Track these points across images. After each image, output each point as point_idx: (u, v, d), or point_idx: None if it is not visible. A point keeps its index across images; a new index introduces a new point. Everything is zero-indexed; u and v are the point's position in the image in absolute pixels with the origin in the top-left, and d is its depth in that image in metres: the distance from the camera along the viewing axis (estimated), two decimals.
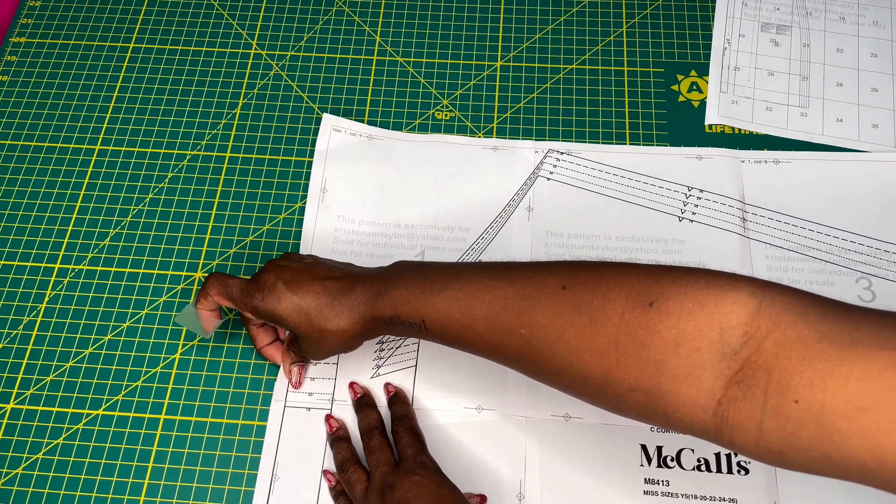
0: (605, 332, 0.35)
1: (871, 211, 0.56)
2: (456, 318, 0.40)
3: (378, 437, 0.47)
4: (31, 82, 0.65)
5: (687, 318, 0.33)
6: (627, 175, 0.58)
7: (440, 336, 0.42)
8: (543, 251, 0.56)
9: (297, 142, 0.61)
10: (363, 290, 0.44)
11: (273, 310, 0.44)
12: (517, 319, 0.38)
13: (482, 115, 0.62)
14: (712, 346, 0.32)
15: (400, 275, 0.43)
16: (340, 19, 0.67)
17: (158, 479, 0.49)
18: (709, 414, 0.33)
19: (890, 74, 0.62)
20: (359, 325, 0.44)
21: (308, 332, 0.44)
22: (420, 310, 0.42)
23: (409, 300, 0.42)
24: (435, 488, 0.42)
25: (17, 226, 0.58)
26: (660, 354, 0.33)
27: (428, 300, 0.41)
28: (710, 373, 0.32)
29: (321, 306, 0.44)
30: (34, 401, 0.52)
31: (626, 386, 0.35)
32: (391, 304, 0.42)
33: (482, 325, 0.40)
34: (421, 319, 0.42)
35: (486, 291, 0.40)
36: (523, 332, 0.38)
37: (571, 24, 0.66)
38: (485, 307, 0.39)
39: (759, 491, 0.47)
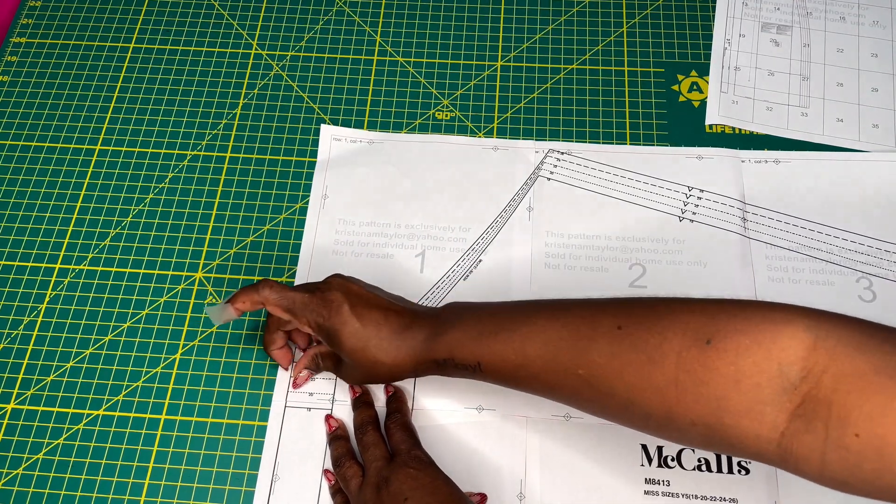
0: (663, 370, 0.36)
1: (872, 211, 0.56)
2: (511, 359, 0.41)
3: (372, 433, 0.47)
4: (31, 82, 0.65)
5: (745, 355, 0.34)
6: (628, 175, 0.58)
7: (495, 377, 0.43)
8: (543, 251, 0.56)
9: (297, 142, 0.61)
10: (420, 330, 0.44)
11: (335, 330, 0.44)
12: (574, 360, 0.39)
13: (482, 115, 0.62)
14: (772, 382, 0.33)
15: (457, 317, 0.44)
16: (340, 19, 0.67)
17: (159, 480, 0.49)
18: (773, 445, 0.33)
19: (890, 74, 0.62)
20: (412, 363, 0.44)
21: (360, 359, 0.44)
22: (475, 352, 0.42)
23: (464, 343, 0.42)
24: (430, 480, 0.43)
25: (17, 226, 0.58)
26: (720, 391, 0.34)
27: (483, 342, 0.42)
28: (771, 406, 0.33)
29: (381, 338, 0.44)
30: (34, 401, 0.52)
31: (688, 421, 0.35)
32: (447, 346, 0.43)
33: (538, 365, 0.40)
34: (476, 362, 0.42)
35: (540, 332, 0.40)
36: (581, 373, 0.39)
37: (571, 24, 0.66)
38: (539, 348, 0.40)
39: (759, 491, 0.47)
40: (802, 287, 0.54)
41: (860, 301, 0.53)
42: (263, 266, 0.56)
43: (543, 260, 0.55)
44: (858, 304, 0.53)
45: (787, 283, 0.54)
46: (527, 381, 0.41)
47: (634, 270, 0.55)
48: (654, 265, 0.55)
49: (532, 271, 0.55)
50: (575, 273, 0.55)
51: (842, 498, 0.46)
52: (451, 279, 0.55)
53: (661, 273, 0.54)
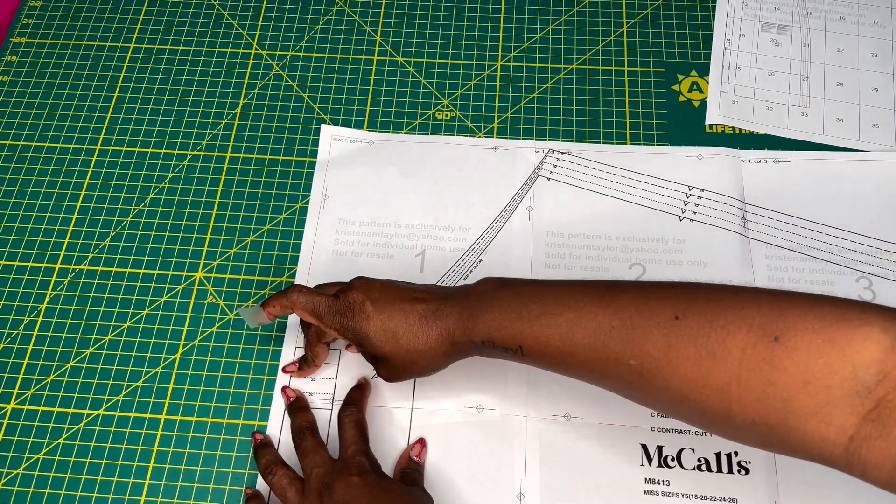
0: (725, 367, 0.34)
1: (872, 211, 0.56)
2: (556, 345, 0.39)
3: (310, 439, 0.46)
4: (31, 82, 0.65)
5: (816, 354, 0.32)
6: (628, 175, 0.58)
7: (538, 361, 0.40)
8: (544, 251, 0.56)
9: (297, 142, 0.61)
10: (452, 311, 0.42)
11: (361, 329, 0.43)
12: (625, 350, 0.37)
13: (482, 115, 0.62)
14: (844, 384, 0.31)
15: (491, 296, 0.41)
16: (341, 19, 0.67)
17: (159, 480, 0.49)
18: (840, 449, 0.32)
19: (890, 74, 0.62)
20: (449, 346, 0.42)
21: (394, 352, 0.43)
22: (517, 336, 0.40)
23: (504, 325, 0.40)
24: (368, 490, 0.42)
25: (18, 226, 0.58)
26: (786, 392, 0.32)
27: (525, 325, 0.39)
28: (841, 409, 0.31)
29: (410, 326, 0.42)
30: (35, 401, 0.52)
31: (749, 420, 0.34)
32: (485, 328, 0.41)
33: (586, 353, 0.38)
34: (518, 345, 0.40)
35: (589, 319, 0.38)
36: (633, 363, 0.36)
37: (571, 24, 0.66)
38: (588, 336, 0.38)
39: (759, 491, 0.47)
40: (802, 287, 0.54)
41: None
42: (263, 266, 0.56)
43: (543, 260, 0.55)
44: None
45: (787, 283, 0.54)
46: (574, 367, 0.39)
47: (634, 270, 0.55)
48: (654, 265, 0.55)
49: (532, 271, 0.55)
50: (575, 273, 0.55)
51: (842, 498, 0.46)
52: (451, 279, 0.55)
53: (661, 273, 0.54)
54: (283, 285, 0.55)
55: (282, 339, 0.53)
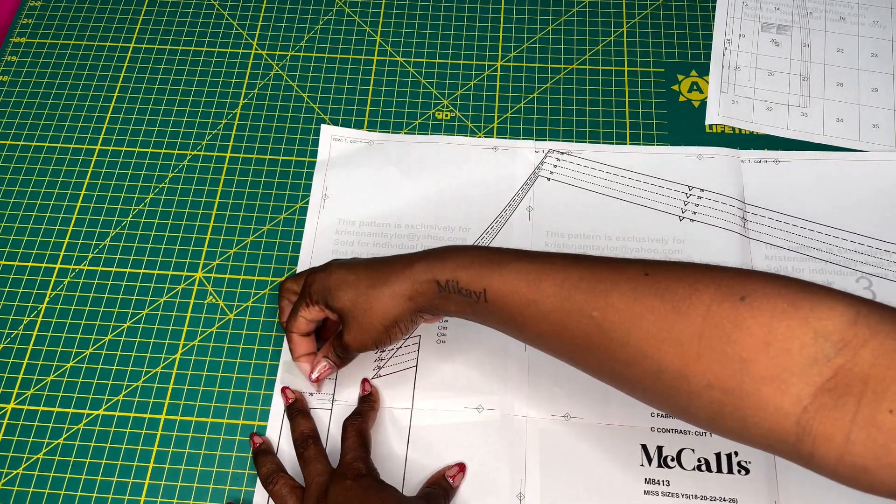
0: (688, 321, 0.33)
1: (871, 211, 0.56)
2: (522, 291, 0.39)
3: (312, 447, 0.47)
4: (31, 82, 0.65)
5: (780, 317, 0.32)
6: (628, 175, 0.58)
7: (499, 311, 0.40)
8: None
9: (297, 142, 0.61)
10: (421, 258, 0.43)
11: (330, 287, 0.44)
12: (590, 301, 0.36)
13: (482, 115, 0.62)
14: (804, 350, 0.31)
15: (462, 249, 0.42)
16: (340, 19, 0.67)
17: (159, 480, 0.49)
18: (791, 421, 0.31)
19: (890, 74, 0.62)
20: (409, 289, 0.42)
21: (359, 303, 0.43)
22: (483, 278, 0.40)
23: (471, 265, 0.40)
24: (361, 492, 0.42)
25: (17, 226, 0.58)
26: (746, 352, 0.32)
27: (493, 269, 0.40)
28: (798, 377, 0.31)
29: (371, 274, 0.43)
30: (34, 401, 0.52)
31: (705, 382, 0.33)
32: (451, 266, 0.41)
33: (550, 303, 0.38)
34: (482, 288, 0.40)
35: (560, 270, 0.38)
36: (595, 315, 0.36)
37: (571, 24, 0.66)
38: (556, 285, 0.38)
39: (759, 491, 0.47)
40: None
41: None
42: (263, 266, 0.56)
43: None
44: None
45: None
46: (534, 318, 0.39)
47: None
48: None
49: None
50: None
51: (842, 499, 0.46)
52: None
53: None
54: None
55: (281, 339, 0.53)
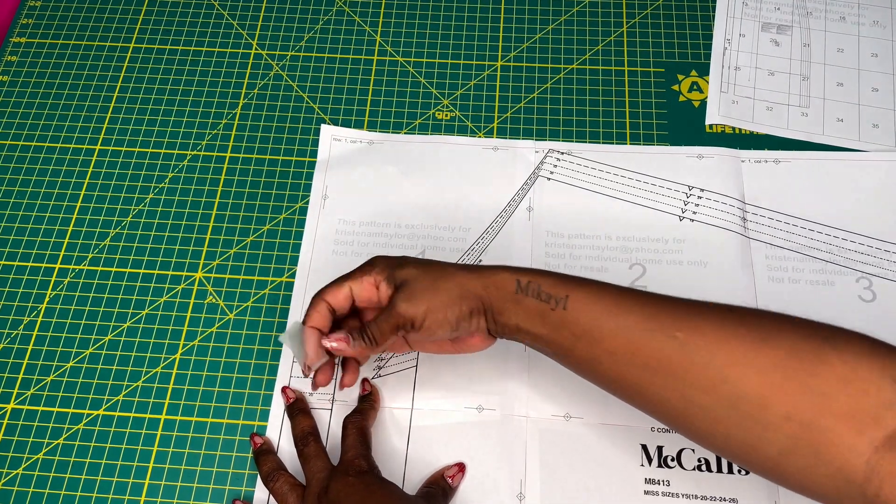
0: (774, 351, 0.35)
1: (871, 211, 0.56)
2: (605, 303, 0.39)
3: (313, 445, 0.47)
4: (31, 82, 0.65)
5: (861, 359, 0.33)
6: (628, 175, 0.58)
7: (575, 321, 0.39)
8: (544, 251, 0.55)
9: (297, 142, 0.61)
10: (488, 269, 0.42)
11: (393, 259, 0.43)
12: (675, 322, 0.37)
13: (482, 115, 0.62)
14: (881, 393, 0.32)
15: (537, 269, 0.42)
16: (340, 19, 0.67)
17: (159, 480, 0.49)
18: (862, 460, 0.32)
19: (890, 74, 0.62)
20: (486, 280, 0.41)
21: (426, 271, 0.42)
22: (567, 285, 0.40)
23: (554, 274, 0.41)
24: (364, 487, 0.42)
25: (17, 226, 0.58)
26: (827, 387, 0.33)
27: (577, 280, 0.40)
28: (873, 419, 0.32)
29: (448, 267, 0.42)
30: (34, 401, 0.52)
31: (783, 413, 0.34)
32: (533, 272, 0.41)
33: (632, 318, 0.38)
34: (565, 294, 0.39)
35: (644, 294, 0.39)
36: (679, 335, 0.37)
37: (571, 24, 0.66)
38: (640, 303, 0.38)
39: (759, 491, 0.47)
40: (802, 287, 0.54)
41: (860, 301, 0.53)
42: (263, 266, 0.56)
43: (543, 260, 0.55)
44: (858, 304, 0.53)
45: (787, 283, 0.54)
46: (611, 333, 0.38)
47: (634, 270, 0.55)
48: (654, 265, 0.55)
49: None
50: (575, 273, 0.54)
51: None
52: None
53: (661, 273, 0.54)
54: (282, 285, 0.55)
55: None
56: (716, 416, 0.36)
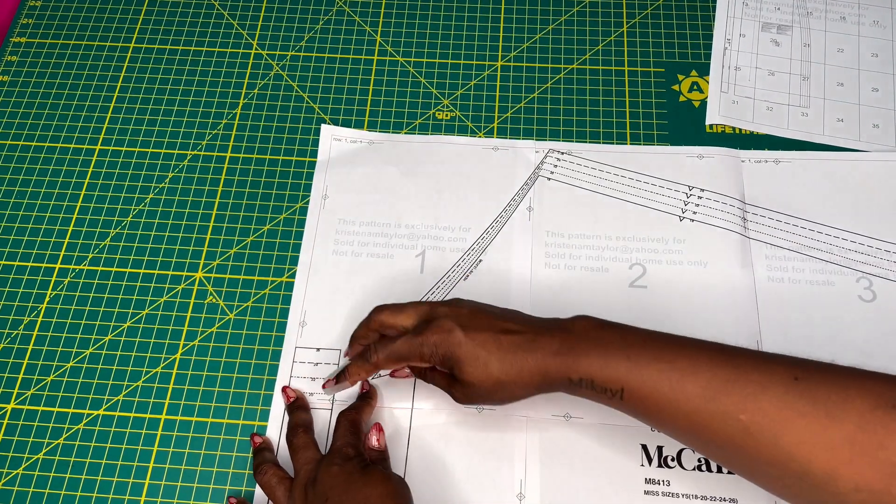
0: (841, 426, 0.34)
1: (872, 211, 0.56)
2: (664, 392, 0.38)
3: (302, 436, 0.47)
4: (31, 82, 0.65)
5: None
6: (628, 175, 0.58)
7: (636, 407, 0.40)
8: (544, 251, 0.56)
9: (297, 142, 0.61)
10: (548, 344, 0.41)
11: (452, 354, 0.42)
12: (738, 404, 0.37)
13: (482, 115, 0.62)
14: None
15: (596, 335, 0.41)
16: (341, 19, 0.67)
17: (159, 480, 0.49)
18: None
19: (890, 74, 0.62)
20: (540, 380, 0.41)
21: (482, 380, 0.42)
22: (621, 378, 0.39)
23: (608, 364, 0.39)
24: (346, 477, 0.42)
25: (18, 226, 0.58)
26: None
27: (633, 368, 0.39)
28: None
29: (503, 354, 0.41)
30: (35, 401, 0.52)
31: (853, 485, 0.34)
32: (587, 365, 0.40)
33: (694, 404, 0.38)
34: (620, 388, 0.39)
35: (705, 371, 0.38)
36: (743, 418, 0.36)
37: (571, 24, 0.66)
38: (701, 387, 0.38)
39: (759, 491, 0.47)
40: (802, 287, 0.54)
41: (860, 301, 0.53)
42: (263, 266, 0.56)
43: (543, 260, 0.55)
44: (858, 304, 0.53)
45: (787, 283, 0.54)
46: (673, 418, 0.39)
47: (634, 270, 0.55)
48: (654, 265, 0.55)
49: (532, 271, 0.55)
50: (575, 273, 0.55)
51: None
52: (451, 279, 0.55)
53: (661, 273, 0.54)
54: (282, 285, 0.55)
55: (282, 339, 0.53)
56: (784, 483, 0.37)
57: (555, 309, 0.53)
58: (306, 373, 0.52)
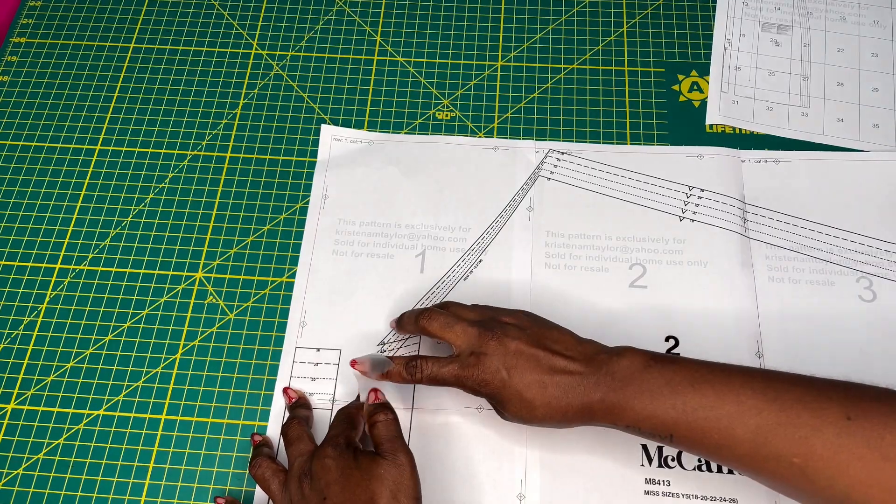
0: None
1: (872, 211, 0.56)
2: (713, 438, 0.38)
3: (296, 427, 0.46)
4: (31, 82, 0.65)
5: None
6: (628, 175, 0.58)
7: (689, 449, 0.40)
8: (544, 251, 0.56)
9: (297, 142, 0.61)
10: (595, 389, 0.41)
11: (497, 394, 0.43)
12: (790, 448, 0.36)
13: (483, 115, 0.62)
14: None
15: (640, 379, 0.40)
16: (341, 19, 0.67)
17: (159, 480, 0.49)
18: None
19: (890, 74, 0.62)
20: (585, 420, 0.42)
21: (527, 416, 0.42)
22: (668, 425, 0.39)
23: (655, 413, 0.39)
24: (340, 467, 0.41)
25: (18, 226, 0.58)
26: None
27: (679, 416, 0.39)
28: None
29: (547, 399, 0.41)
30: (35, 401, 0.52)
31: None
32: (633, 414, 0.40)
33: (745, 448, 0.38)
34: (669, 434, 0.39)
35: (753, 415, 0.37)
36: (797, 462, 0.36)
37: (572, 24, 0.66)
38: (750, 431, 0.37)
39: (759, 491, 0.47)
40: (802, 287, 0.54)
41: (860, 301, 0.53)
42: (263, 266, 0.56)
43: (543, 260, 0.55)
44: (858, 304, 0.53)
45: (787, 282, 0.54)
46: (728, 459, 0.39)
47: (634, 270, 0.55)
48: (654, 265, 0.55)
49: (532, 271, 0.55)
50: (575, 273, 0.55)
51: None
52: (451, 279, 0.55)
53: (661, 273, 0.54)
54: (283, 285, 0.55)
55: (282, 339, 0.53)
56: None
57: (555, 309, 0.53)
58: (306, 373, 0.52)
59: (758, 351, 0.51)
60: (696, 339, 0.52)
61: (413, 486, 0.41)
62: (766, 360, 0.51)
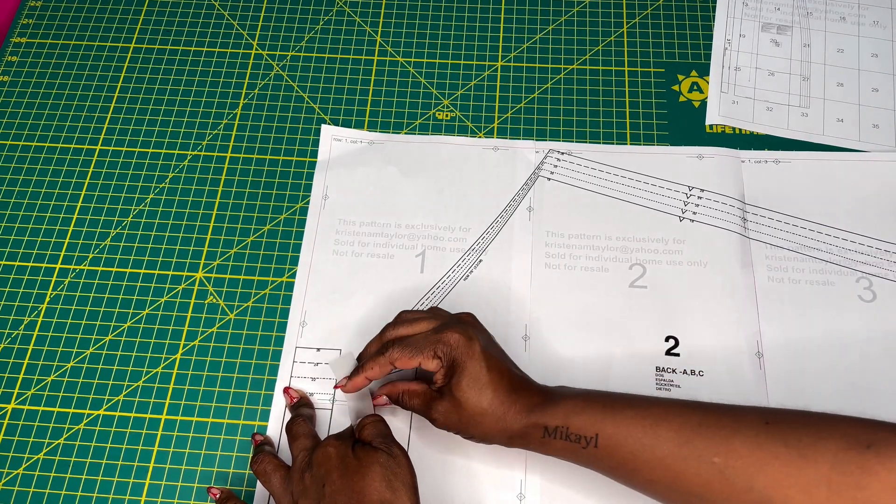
0: (816, 467, 0.34)
1: (871, 211, 0.56)
2: (637, 436, 0.39)
3: (301, 424, 0.46)
4: (31, 82, 0.65)
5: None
6: (628, 175, 0.58)
7: (609, 456, 0.40)
8: (544, 251, 0.56)
9: (297, 142, 0.61)
10: (536, 394, 0.43)
11: (463, 364, 0.43)
12: (711, 447, 0.37)
13: (483, 115, 0.62)
14: None
15: (575, 390, 0.43)
16: (341, 19, 0.67)
17: (159, 480, 0.49)
18: None
19: (890, 74, 0.62)
20: (519, 423, 0.42)
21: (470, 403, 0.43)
22: (597, 422, 0.40)
23: (584, 410, 0.41)
24: (342, 455, 0.41)
25: (18, 226, 0.58)
26: (876, 497, 0.33)
27: (608, 414, 0.40)
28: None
29: (498, 390, 0.42)
30: (35, 401, 0.52)
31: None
32: (564, 411, 0.41)
33: (667, 448, 0.38)
34: (595, 433, 0.40)
35: (677, 416, 0.39)
36: (716, 461, 0.37)
37: (571, 24, 0.66)
38: (673, 430, 0.38)
39: None
40: (802, 287, 0.54)
41: (860, 301, 0.53)
42: (263, 266, 0.56)
43: (543, 260, 0.55)
44: (858, 304, 0.53)
45: (787, 283, 0.54)
46: (649, 464, 0.39)
47: (634, 270, 0.55)
48: (654, 265, 0.55)
49: (532, 271, 0.55)
50: (575, 273, 0.55)
51: None
52: (451, 279, 0.55)
53: (661, 273, 0.54)
54: (283, 285, 0.55)
55: (282, 339, 0.53)
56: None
57: (555, 309, 0.53)
58: (307, 373, 0.52)
59: (758, 351, 0.51)
60: (695, 339, 0.52)
61: (408, 475, 0.41)
62: (766, 360, 0.51)
